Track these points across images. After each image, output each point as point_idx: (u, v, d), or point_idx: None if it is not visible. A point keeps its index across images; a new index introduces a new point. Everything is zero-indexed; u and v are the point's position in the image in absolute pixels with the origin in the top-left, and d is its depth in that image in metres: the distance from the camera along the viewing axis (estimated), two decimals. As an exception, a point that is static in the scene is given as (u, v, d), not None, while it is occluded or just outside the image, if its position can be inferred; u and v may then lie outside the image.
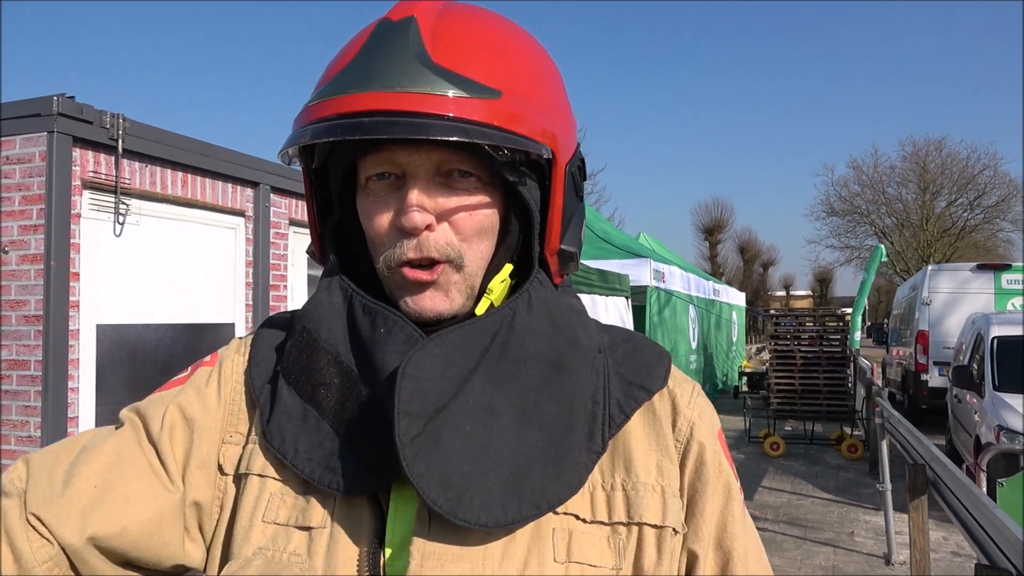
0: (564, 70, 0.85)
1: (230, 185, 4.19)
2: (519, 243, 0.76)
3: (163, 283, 3.84)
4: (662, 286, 10.78)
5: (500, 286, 0.75)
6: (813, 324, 10.82)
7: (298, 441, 0.71)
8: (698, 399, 0.79)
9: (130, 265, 3.66)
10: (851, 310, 10.87)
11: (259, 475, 0.73)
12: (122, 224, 3.60)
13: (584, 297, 5.67)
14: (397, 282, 0.73)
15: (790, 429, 10.35)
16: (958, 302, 10.89)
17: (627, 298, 9.20)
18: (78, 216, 3.42)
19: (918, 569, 3.73)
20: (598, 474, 0.73)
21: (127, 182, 3.60)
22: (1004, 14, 65.62)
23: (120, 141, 3.50)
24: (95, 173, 3.47)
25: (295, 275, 4.71)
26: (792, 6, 75.56)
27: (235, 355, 0.82)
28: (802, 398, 10.15)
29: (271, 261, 4.45)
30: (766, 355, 15.65)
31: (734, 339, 18.19)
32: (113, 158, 3.52)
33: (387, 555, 0.68)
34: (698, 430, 0.77)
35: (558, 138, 0.73)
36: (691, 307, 12.82)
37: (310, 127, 0.70)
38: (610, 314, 8.26)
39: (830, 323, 10.71)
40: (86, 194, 3.46)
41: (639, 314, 9.76)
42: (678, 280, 11.92)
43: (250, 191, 4.32)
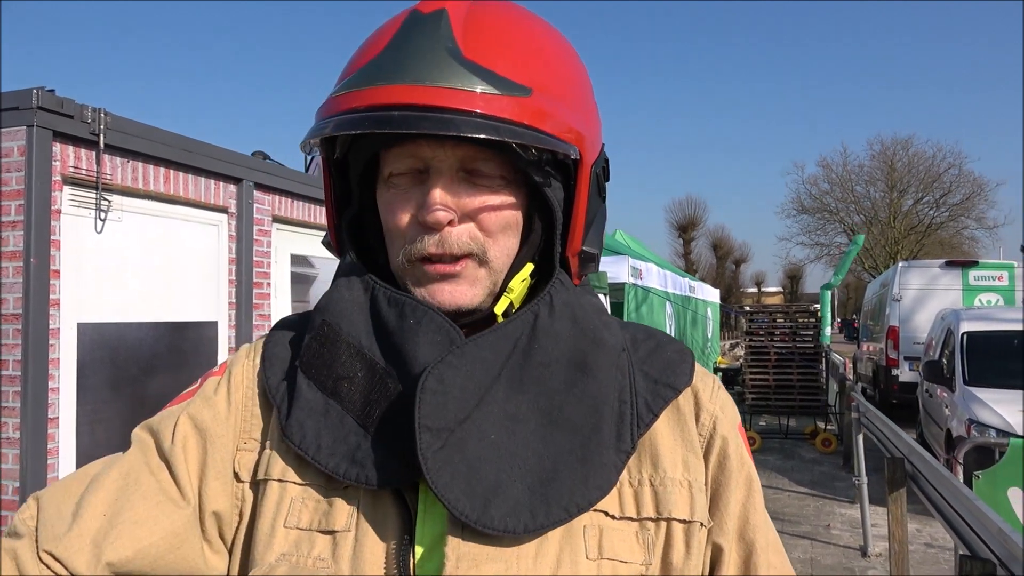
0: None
1: (213, 181, 4.13)
2: (541, 243, 0.76)
3: (145, 281, 3.78)
4: (639, 283, 10.83)
5: (520, 285, 0.75)
6: (785, 320, 10.98)
7: (320, 436, 0.70)
8: (719, 393, 0.80)
9: (112, 262, 3.60)
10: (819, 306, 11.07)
11: (279, 480, 0.72)
12: (103, 220, 3.54)
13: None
14: (416, 276, 0.72)
15: (765, 424, 10.48)
16: (927, 298, 11.13)
17: (605, 295, 9.24)
18: (58, 212, 3.35)
19: (897, 560, 3.81)
20: (625, 471, 0.73)
21: (108, 178, 3.54)
22: (970, 16, 66.94)
23: (102, 136, 3.43)
24: (76, 168, 3.40)
25: (279, 273, 4.66)
26: (764, 7, 76.35)
27: (244, 360, 0.81)
28: (776, 393, 10.29)
29: (254, 258, 4.40)
30: (740, 351, 15.84)
31: (709, 335, 18.35)
32: (94, 153, 3.46)
33: (417, 556, 0.68)
34: (721, 424, 0.77)
35: (585, 138, 0.73)
36: (668, 304, 12.91)
37: (336, 118, 0.69)
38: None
39: (802, 319, 10.87)
40: (67, 190, 3.39)
41: (617, 311, 9.79)
42: (655, 277, 11.99)
43: (233, 187, 4.27)
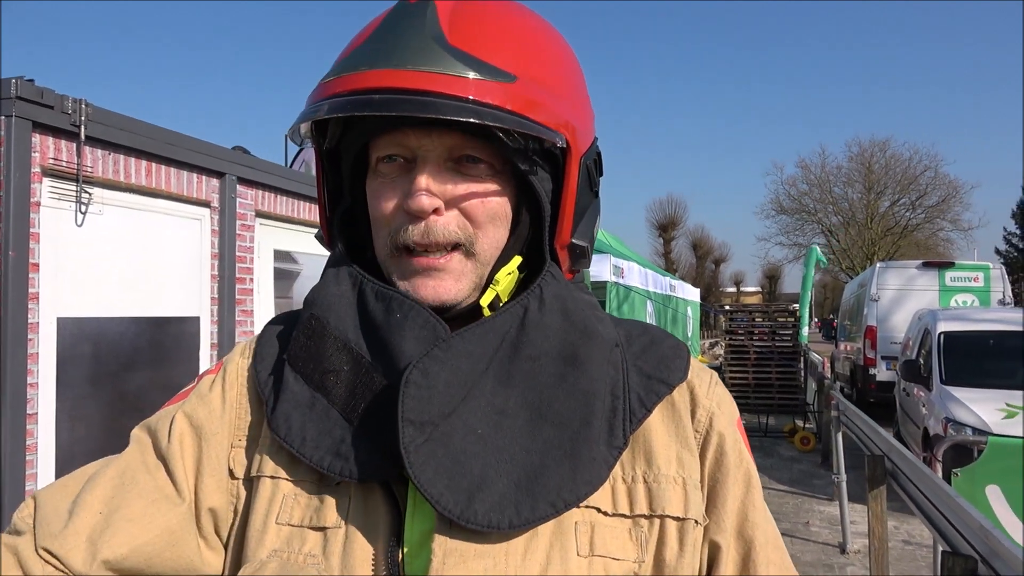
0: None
1: (195, 175, 4.08)
2: (529, 235, 0.75)
3: (126, 275, 3.72)
4: (621, 282, 10.88)
5: (507, 278, 0.74)
6: (764, 320, 11.07)
7: (305, 429, 0.70)
8: (716, 388, 0.79)
9: (92, 256, 3.54)
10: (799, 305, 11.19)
11: (271, 477, 0.72)
12: (84, 213, 3.48)
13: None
14: (400, 268, 0.72)
15: (744, 422, 10.55)
16: (904, 298, 11.27)
17: (588, 293, 9.25)
18: (38, 205, 3.29)
19: (877, 557, 3.86)
20: (618, 467, 0.72)
21: (89, 170, 3.48)
22: (949, 19, 67.81)
23: (82, 127, 3.37)
24: (56, 160, 3.34)
25: (262, 268, 4.62)
26: (747, 7, 76.86)
27: (239, 358, 0.81)
28: (755, 392, 10.37)
29: (237, 253, 4.36)
30: (720, 350, 15.94)
31: (689, 334, 18.48)
32: (75, 145, 3.40)
33: (405, 552, 0.67)
34: (717, 420, 0.77)
35: (575, 129, 0.73)
36: (649, 302, 12.98)
37: (320, 103, 0.69)
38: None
39: (781, 318, 10.97)
40: (46, 182, 3.33)
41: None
42: (636, 276, 12.06)
43: (216, 182, 4.22)
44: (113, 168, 3.62)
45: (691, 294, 19.61)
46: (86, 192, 3.48)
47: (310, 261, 5.07)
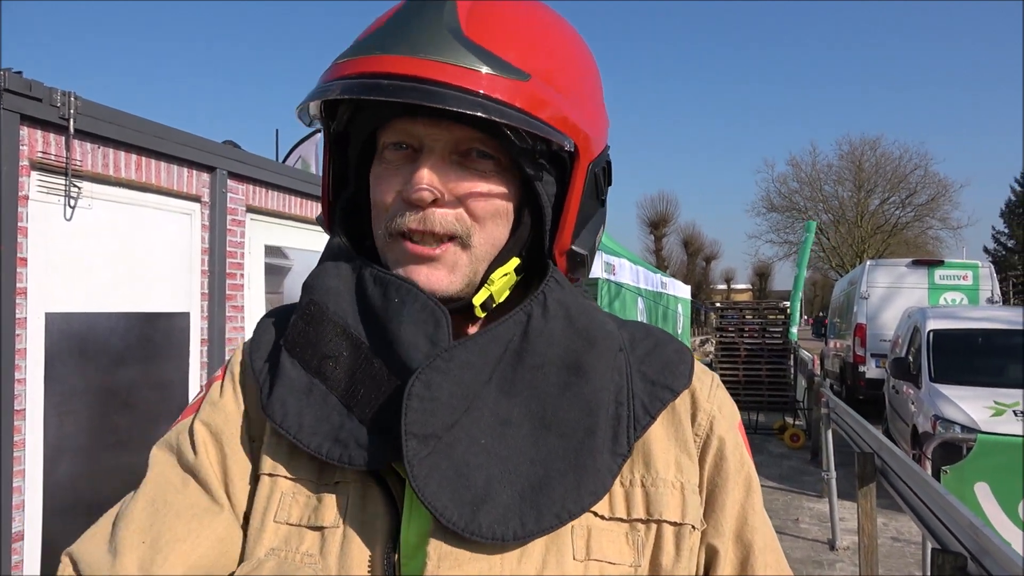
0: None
1: (186, 169, 4.05)
2: (529, 238, 0.74)
3: (116, 270, 3.69)
4: (612, 278, 10.88)
5: (503, 279, 0.73)
6: (755, 317, 11.11)
7: (302, 415, 0.69)
8: (717, 392, 0.78)
9: (81, 251, 3.51)
10: (789, 303, 11.23)
11: (269, 475, 0.71)
12: (73, 208, 3.45)
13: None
14: (396, 254, 0.71)
15: (735, 419, 10.60)
16: (894, 296, 11.34)
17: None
18: (26, 198, 3.25)
19: (866, 554, 3.88)
20: None
21: (78, 164, 3.45)
22: (940, 18, 68.13)
23: (71, 120, 3.33)
24: (44, 153, 3.31)
25: (252, 263, 4.59)
26: (739, 7, 77.01)
27: (241, 356, 0.79)
28: (745, 389, 10.42)
29: (228, 249, 4.33)
30: (710, 347, 16.00)
31: (679, 331, 18.52)
32: (64, 138, 3.36)
33: (402, 554, 0.66)
34: (718, 424, 0.76)
35: (587, 136, 0.72)
36: (640, 299, 12.99)
37: (329, 84, 0.68)
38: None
39: (771, 316, 11.01)
40: (34, 175, 3.30)
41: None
42: (627, 273, 12.06)
43: (206, 176, 4.19)
44: (102, 162, 3.59)
45: (682, 291, 19.63)
46: (75, 186, 3.44)
47: (301, 256, 5.05)
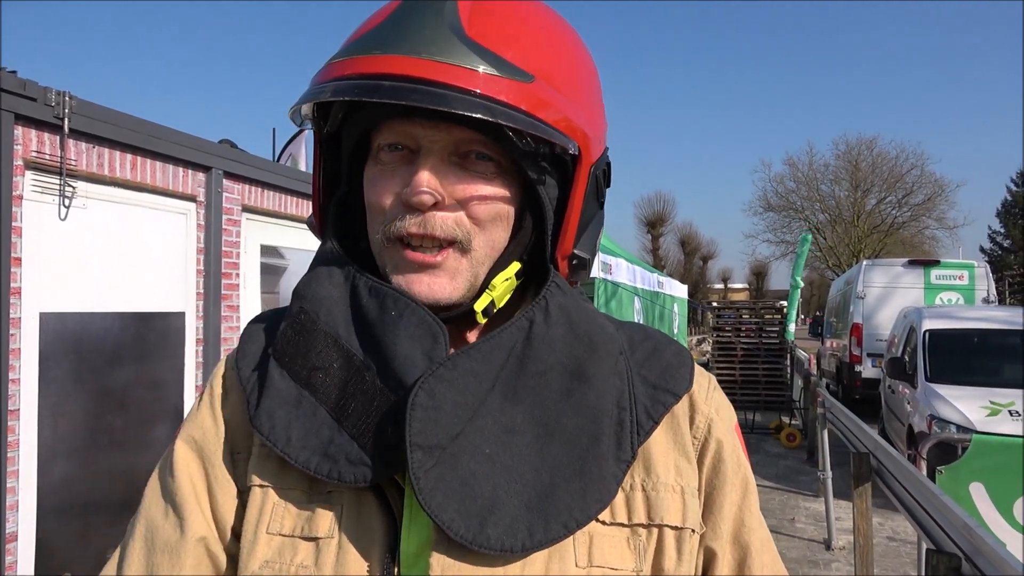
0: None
1: (181, 169, 4.04)
2: (530, 242, 0.73)
3: (111, 270, 3.68)
4: (609, 278, 10.88)
5: (504, 284, 0.71)
6: (751, 316, 11.12)
7: (291, 428, 0.67)
8: (715, 394, 0.78)
9: (76, 251, 3.50)
10: (787, 303, 11.24)
11: (260, 486, 0.69)
12: (67, 207, 3.44)
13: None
14: (394, 260, 0.69)
15: (731, 419, 10.61)
16: (890, 296, 11.35)
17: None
18: (20, 198, 3.24)
19: (862, 554, 3.88)
20: None
21: (73, 163, 3.44)
22: (938, 16, 68.26)
23: (66, 120, 3.32)
24: (39, 153, 3.30)
25: (248, 263, 4.58)
26: (736, 5, 77.08)
27: (223, 368, 0.78)
28: (742, 388, 10.43)
29: (223, 248, 4.32)
30: (707, 347, 16.03)
31: (676, 331, 18.53)
32: (58, 138, 3.35)
33: (402, 564, 0.65)
34: (716, 427, 0.75)
35: (588, 137, 0.71)
36: (636, 299, 12.99)
37: (325, 84, 0.66)
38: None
39: (768, 315, 11.02)
40: (29, 175, 3.29)
41: (587, 305, 9.82)
42: (624, 272, 12.05)
43: (202, 176, 4.18)
44: (97, 161, 3.58)
45: (679, 291, 19.63)
46: (69, 186, 3.43)
47: (297, 256, 5.04)
